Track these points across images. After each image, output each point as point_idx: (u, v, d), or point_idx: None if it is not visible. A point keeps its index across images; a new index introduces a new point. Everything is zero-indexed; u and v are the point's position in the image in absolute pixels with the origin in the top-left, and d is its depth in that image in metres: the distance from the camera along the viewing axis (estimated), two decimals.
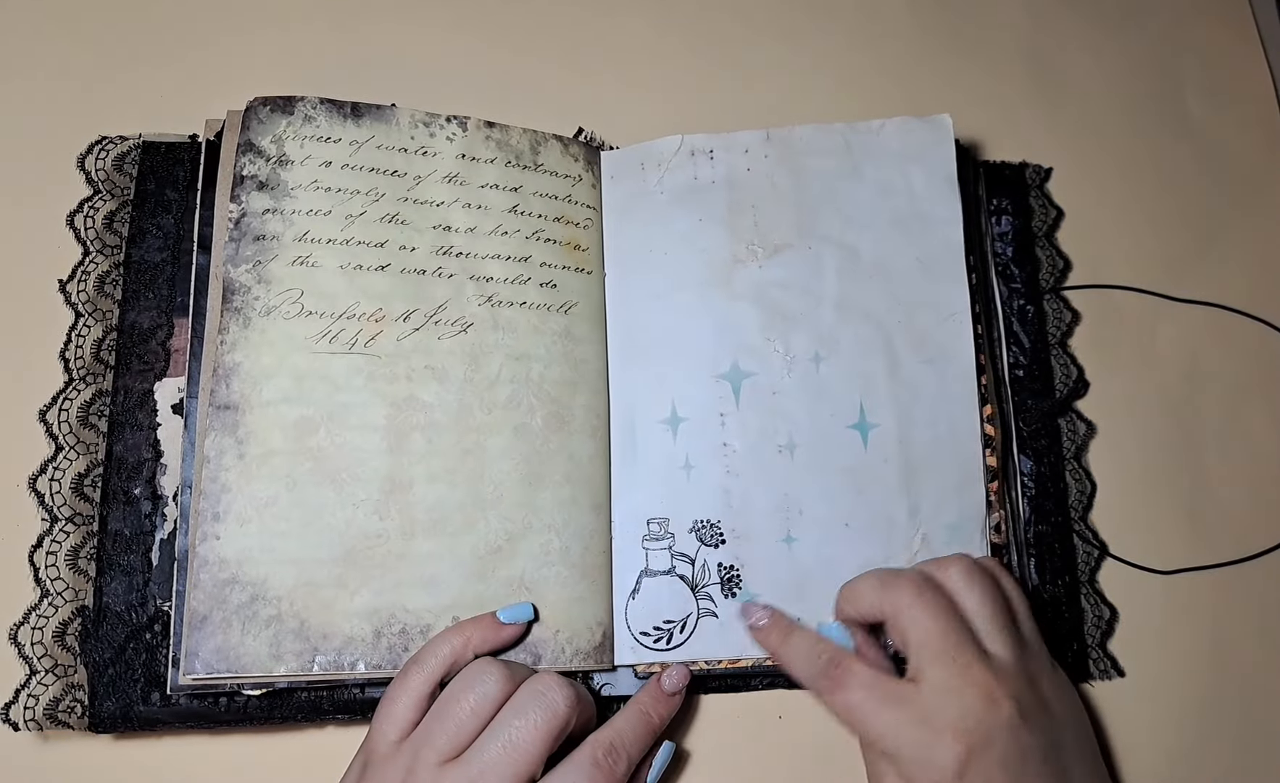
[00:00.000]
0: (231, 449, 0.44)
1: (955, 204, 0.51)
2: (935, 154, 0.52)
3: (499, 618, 0.43)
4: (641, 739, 0.42)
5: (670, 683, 0.44)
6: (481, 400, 0.47)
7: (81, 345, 0.48)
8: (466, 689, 0.40)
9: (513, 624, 0.44)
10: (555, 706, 0.39)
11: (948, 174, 0.51)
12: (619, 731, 0.41)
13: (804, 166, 0.52)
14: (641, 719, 0.43)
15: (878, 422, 0.48)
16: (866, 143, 0.52)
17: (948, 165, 0.51)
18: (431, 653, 0.42)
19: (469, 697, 0.40)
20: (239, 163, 0.47)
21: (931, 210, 0.51)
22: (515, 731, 0.39)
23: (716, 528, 0.47)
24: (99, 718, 0.43)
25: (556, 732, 0.39)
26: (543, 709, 0.39)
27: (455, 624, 0.43)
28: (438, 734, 0.39)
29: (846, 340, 0.49)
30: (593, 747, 0.40)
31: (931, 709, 0.38)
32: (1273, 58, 0.62)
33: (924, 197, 0.51)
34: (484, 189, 0.50)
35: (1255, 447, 0.54)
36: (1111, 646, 0.50)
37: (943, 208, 0.51)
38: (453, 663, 0.42)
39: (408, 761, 0.39)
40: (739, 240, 0.51)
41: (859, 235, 0.51)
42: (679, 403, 0.48)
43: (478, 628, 0.43)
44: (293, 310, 0.46)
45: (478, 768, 0.38)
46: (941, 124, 0.52)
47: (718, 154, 0.52)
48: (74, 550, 0.45)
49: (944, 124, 0.52)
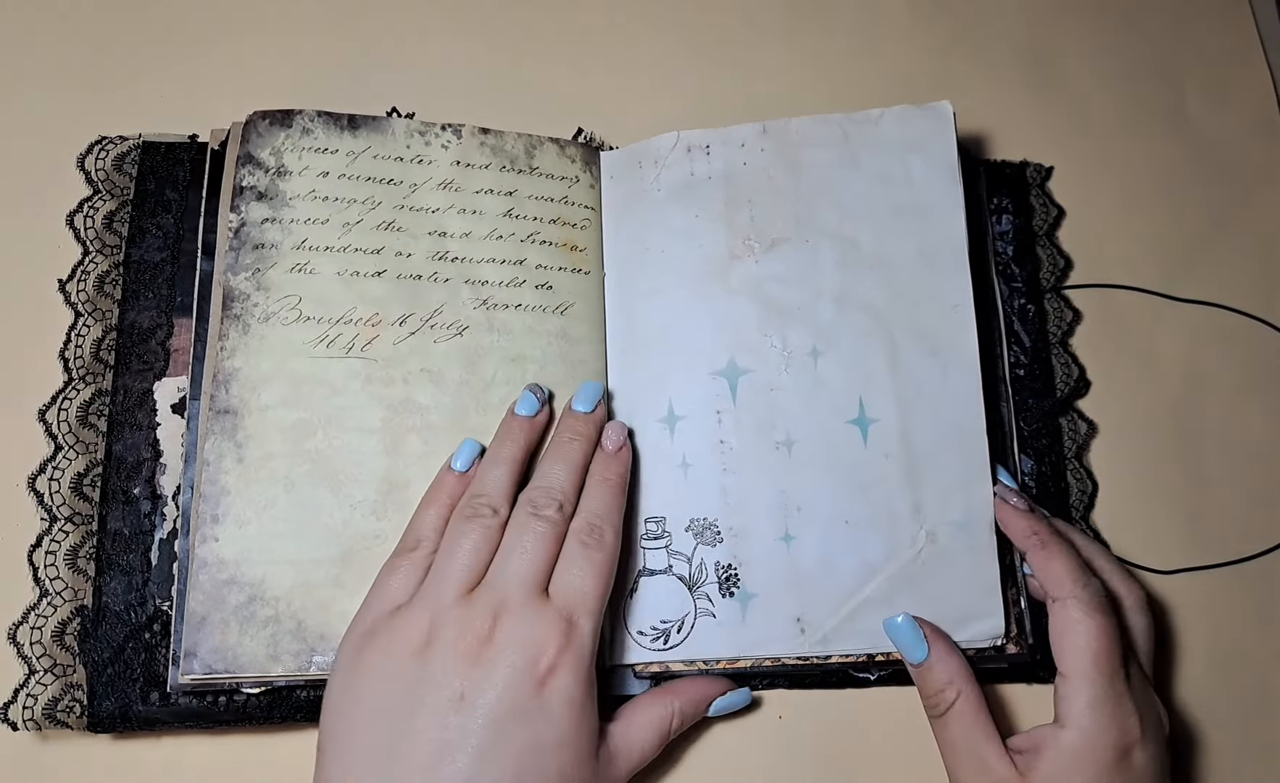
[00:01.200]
0: (231, 453, 0.44)
1: (956, 193, 0.49)
2: (935, 142, 0.50)
3: (455, 468, 0.45)
4: (612, 503, 0.44)
5: (612, 441, 0.46)
6: (477, 402, 0.47)
7: (81, 345, 0.48)
8: (469, 527, 0.41)
9: (472, 466, 0.45)
10: (550, 517, 0.42)
11: (948, 162, 0.50)
12: (589, 509, 0.43)
13: (801, 158, 0.51)
14: (603, 487, 0.44)
15: (878, 416, 0.47)
16: (865, 133, 0.51)
17: (948, 153, 0.50)
18: (424, 527, 0.43)
19: (474, 532, 0.41)
20: (238, 174, 0.47)
21: (932, 200, 0.50)
22: (527, 544, 0.41)
23: (714, 526, 0.47)
24: (98, 718, 0.43)
25: (559, 536, 0.42)
26: (540, 522, 0.41)
27: (425, 498, 0.44)
28: (454, 571, 0.40)
29: (845, 334, 0.48)
30: (575, 534, 0.42)
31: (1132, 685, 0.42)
32: (1273, 58, 0.62)
33: (924, 186, 0.50)
34: (479, 194, 0.50)
35: (1255, 447, 0.54)
36: None
37: (944, 197, 0.49)
38: (445, 529, 0.43)
39: (427, 606, 0.40)
40: (736, 235, 0.50)
41: (858, 227, 0.50)
42: (676, 401, 0.48)
43: (448, 487, 0.44)
44: (291, 316, 0.46)
45: (503, 584, 0.40)
46: (941, 112, 0.51)
47: (714, 149, 0.51)
48: (73, 550, 0.45)
49: (944, 111, 0.50)
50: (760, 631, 0.46)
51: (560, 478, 0.43)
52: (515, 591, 0.40)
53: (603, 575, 0.41)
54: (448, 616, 0.39)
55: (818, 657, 0.46)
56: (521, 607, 0.39)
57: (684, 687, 0.45)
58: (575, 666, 0.39)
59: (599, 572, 0.41)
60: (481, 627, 0.39)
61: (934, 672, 0.43)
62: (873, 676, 0.48)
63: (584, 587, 0.41)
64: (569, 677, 0.39)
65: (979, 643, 0.45)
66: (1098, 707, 0.40)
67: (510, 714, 0.38)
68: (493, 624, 0.39)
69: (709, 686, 0.45)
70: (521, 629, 0.39)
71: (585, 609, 0.40)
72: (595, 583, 0.41)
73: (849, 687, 0.48)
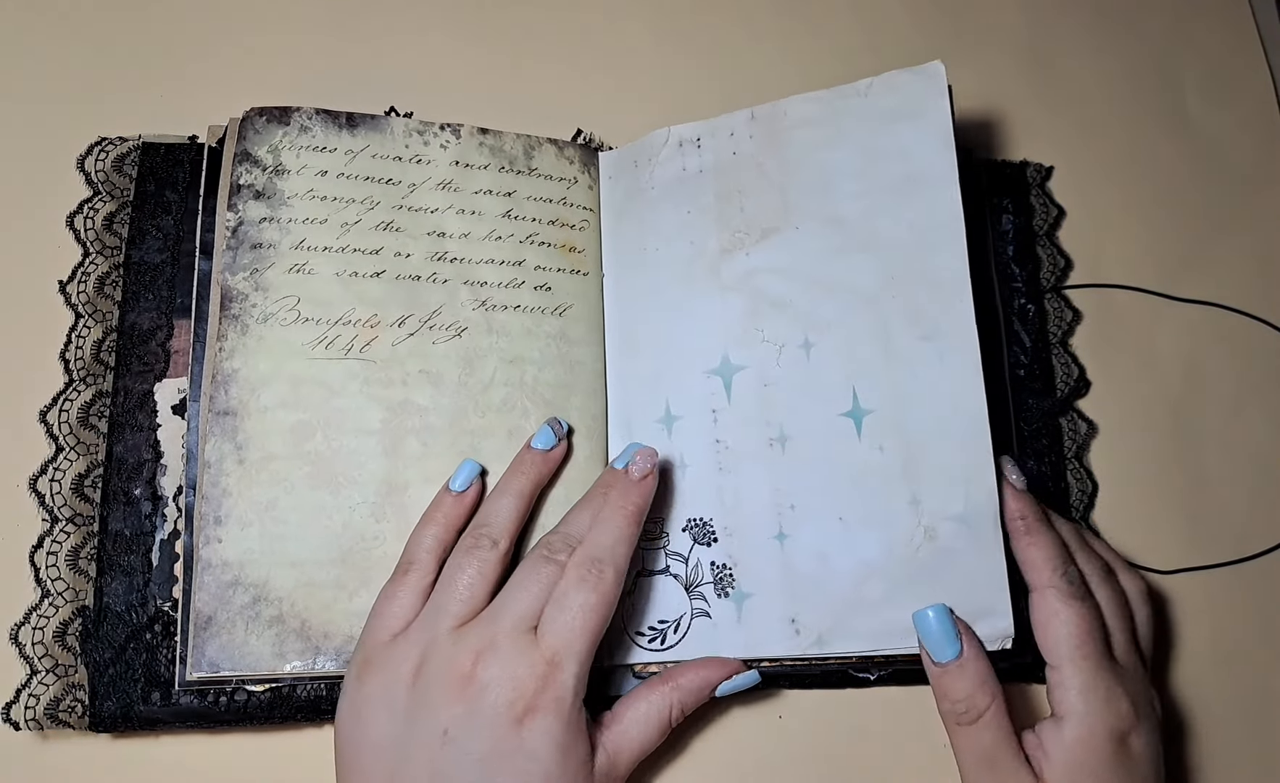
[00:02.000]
0: (231, 454, 0.44)
1: (950, 159, 0.46)
2: (927, 108, 0.47)
3: (453, 489, 0.44)
4: (624, 536, 0.42)
5: (638, 467, 0.44)
6: (476, 404, 0.47)
7: (81, 346, 0.48)
8: (467, 560, 0.41)
9: (470, 487, 0.45)
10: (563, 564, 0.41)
11: (942, 129, 0.47)
12: (596, 542, 0.41)
13: (789, 140, 0.49)
14: (618, 515, 0.42)
15: (872, 407, 0.45)
16: (853, 106, 0.48)
17: (942, 119, 0.47)
18: (418, 550, 0.43)
19: (472, 564, 0.41)
20: (235, 172, 0.47)
21: (925, 170, 0.46)
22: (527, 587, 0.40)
23: (709, 526, 0.47)
24: (99, 718, 0.43)
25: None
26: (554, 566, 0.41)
27: (422, 518, 0.44)
28: (450, 604, 0.40)
29: (837, 322, 0.46)
30: (576, 566, 0.41)
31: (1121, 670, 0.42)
32: (1273, 58, 0.62)
33: (916, 156, 0.47)
34: (477, 195, 0.50)
35: (1255, 447, 0.54)
36: None
37: (937, 164, 0.46)
38: (441, 551, 0.43)
39: (422, 637, 0.40)
40: (727, 229, 0.49)
41: (848, 206, 0.47)
42: (673, 401, 0.48)
43: (444, 509, 0.44)
44: (289, 317, 0.46)
45: (496, 623, 0.40)
46: (934, 72, 0.47)
47: (705, 141, 0.51)
48: (74, 551, 0.45)
49: (936, 71, 0.47)
50: (755, 631, 0.45)
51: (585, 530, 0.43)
52: (506, 628, 0.39)
53: (594, 618, 0.40)
54: (437, 649, 0.39)
55: (814, 657, 0.45)
56: (508, 645, 0.39)
57: (684, 676, 0.43)
58: (555, 709, 0.38)
59: (590, 614, 0.40)
60: (465, 663, 0.39)
61: (966, 672, 0.41)
62: (872, 675, 0.48)
63: (573, 628, 0.39)
64: (549, 719, 0.38)
65: (987, 645, 0.42)
66: (1089, 693, 0.40)
67: (492, 754, 0.38)
68: (475, 662, 0.39)
69: (711, 671, 0.44)
70: (499, 669, 0.39)
71: (571, 652, 0.39)
72: (585, 625, 0.39)
73: (849, 687, 0.48)
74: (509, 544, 0.42)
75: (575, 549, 0.41)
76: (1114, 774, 0.40)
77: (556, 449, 0.46)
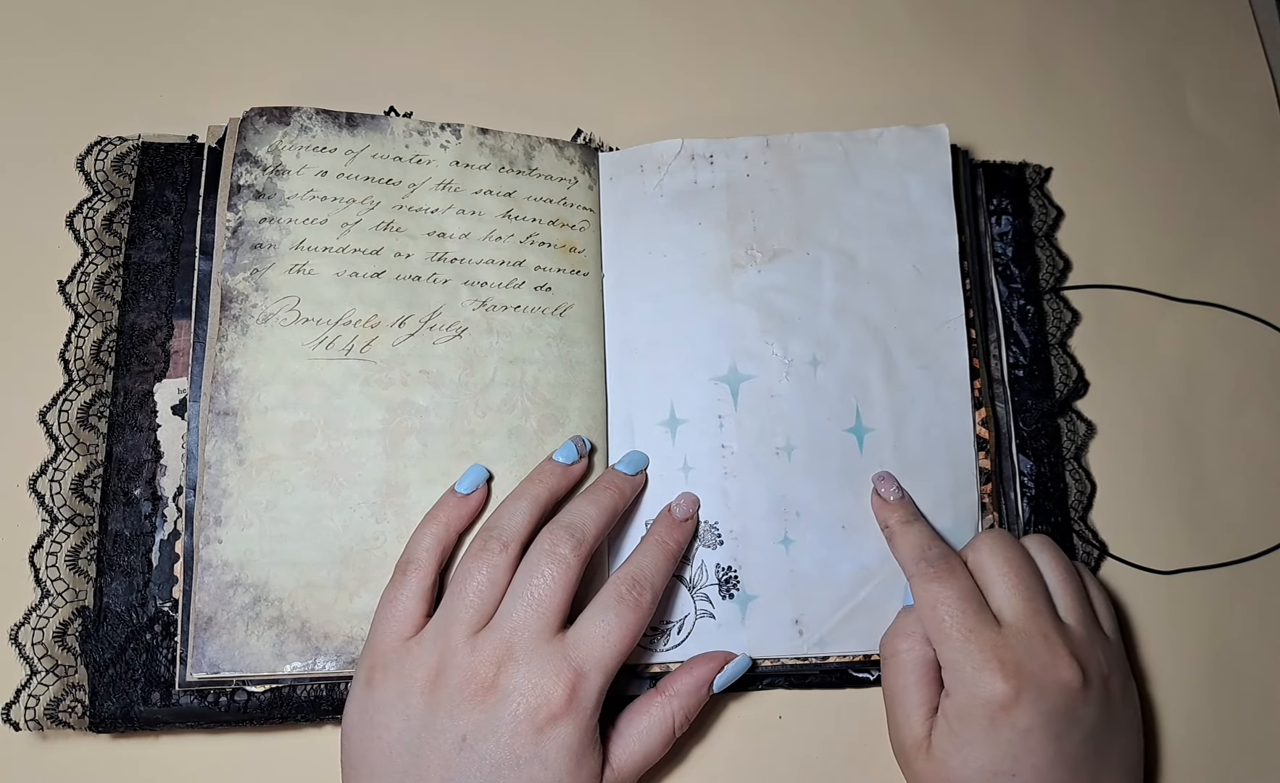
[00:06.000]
0: (231, 455, 0.44)
1: (950, 213, 0.51)
2: (932, 163, 0.52)
3: (459, 491, 0.45)
4: (662, 569, 0.44)
5: (681, 510, 0.46)
6: (476, 404, 0.47)
7: (81, 346, 0.48)
8: (477, 564, 0.41)
9: (475, 490, 0.45)
10: (565, 558, 0.41)
11: (944, 183, 0.52)
12: (639, 565, 0.43)
13: (803, 173, 0.52)
14: (659, 549, 0.44)
15: (873, 426, 0.49)
16: (864, 151, 0.52)
17: (944, 175, 0.52)
18: (418, 550, 0.43)
19: (482, 569, 0.41)
20: (235, 172, 0.47)
21: (928, 219, 0.51)
22: (535, 588, 0.40)
23: (715, 529, 0.47)
24: (99, 718, 0.43)
25: (573, 581, 0.41)
26: (554, 563, 0.41)
27: (424, 518, 0.44)
28: (462, 610, 0.40)
29: (843, 345, 0.50)
30: (616, 584, 0.42)
31: (1004, 643, 0.40)
32: (1273, 58, 0.62)
33: (921, 205, 0.52)
34: (478, 195, 0.50)
35: (1255, 447, 0.54)
36: None
37: (939, 216, 0.51)
38: (442, 551, 0.43)
39: (436, 644, 0.40)
40: (738, 244, 0.51)
41: (856, 242, 0.51)
42: (678, 405, 0.49)
43: (447, 510, 0.44)
44: (289, 318, 0.46)
45: (509, 628, 0.40)
46: (938, 135, 0.52)
47: (717, 159, 0.52)
48: (74, 551, 0.45)
49: (940, 135, 0.52)
50: (759, 632, 0.47)
51: (587, 516, 0.43)
52: (522, 635, 0.40)
53: (629, 635, 0.41)
54: (454, 658, 0.40)
55: (816, 657, 0.47)
56: (528, 653, 0.39)
57: (678, 682, 0.44)
58: (577, 718, 0.39)
59: (627, 630, 0.41)
60: (486, 673, 0.39)
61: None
62: (872, 675, 0.48)
63: (608, 640, 0.40)
64: (569, 728, 0.39)
65: None
66: (955, 669, 0.41)
67: (508, 761, 0.38)
68: (496, 670, 0.39)
69: (702, 668, 0.45)
70: (525, 678, 0.39)
71: (600, 664, 0.40)
72: (620, 640, 0.41)
73: (849, 687, 0.48)
74: (519, 549, 0.42)
75: (579, 545, 0.42)
76: (993, 744, 0.40)
77: (577, 466, 0.46)
